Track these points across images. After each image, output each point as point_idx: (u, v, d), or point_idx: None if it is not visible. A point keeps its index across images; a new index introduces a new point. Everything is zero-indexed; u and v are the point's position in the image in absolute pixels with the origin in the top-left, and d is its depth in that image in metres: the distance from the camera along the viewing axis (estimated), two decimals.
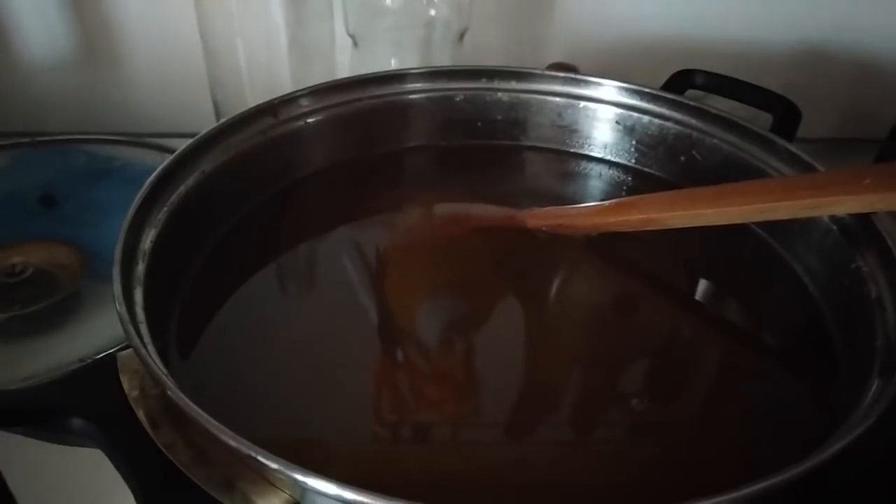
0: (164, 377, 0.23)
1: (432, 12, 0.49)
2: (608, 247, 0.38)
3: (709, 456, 0.28)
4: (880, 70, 0.60)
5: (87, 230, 0.47)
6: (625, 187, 0.42)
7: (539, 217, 0.39)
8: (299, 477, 0.21)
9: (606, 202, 0.38)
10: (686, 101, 0.40)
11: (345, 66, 0.51)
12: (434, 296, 0.35)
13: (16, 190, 0.51)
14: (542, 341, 0.33)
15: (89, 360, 0.26)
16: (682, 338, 0.35)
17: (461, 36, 0.51)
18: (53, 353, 0.39)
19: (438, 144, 0.44)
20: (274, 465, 0.21)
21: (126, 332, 0.25)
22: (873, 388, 0.25)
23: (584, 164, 0.44)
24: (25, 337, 0.41)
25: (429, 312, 0.34)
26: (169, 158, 0.33)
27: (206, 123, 0.36)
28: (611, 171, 0.43)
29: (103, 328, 0.40)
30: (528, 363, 0.32)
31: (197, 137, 0.35)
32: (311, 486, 0.21)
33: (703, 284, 0.37)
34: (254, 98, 0.39)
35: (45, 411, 0.24)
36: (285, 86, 0.41)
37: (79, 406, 0.24)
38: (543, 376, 0.31)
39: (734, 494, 0.21)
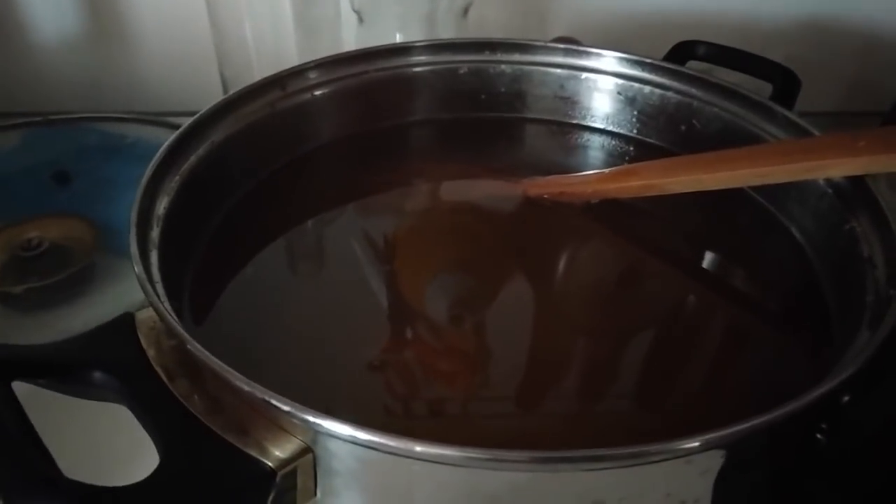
0: (179, 329, 0.24)
1: None
2: (609, 216, 0.38)
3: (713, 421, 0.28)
4: (884, 43, 0.60)
5: (100, 205, 0.48)
6: (626, 157, 0.43)
7: (540, 185, 0.39)
8: (311, 418, 0.21)
9: (607, 170, 0.39)
10: (687, 71, 0.41)
11: (350, 42, 0.52)
12: (441, 269, 0.36)
13: (30, 167, 0.52)
14: (548, 311, 0.34)
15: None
16: (685, 302, 0.35)
17: (465, 11, 0.51)
18: (69, 323, 0.40)
19: (443, 117, 0.44)
20: (286, 408, 0.21)
21: (144, 289, 0.26)
22: (862, 341, 0.26)
23: (586, 135, 0.44)
24: (42, 308, 0.42)
25: (436, 286, 0.35)
26: (181, 128, 0.34)
27: (215, 101, 0.37)
28: (613, 142, 0.43)
29: (117, 298, 0.41)
30: (534, 334, 0.32)
31: (207, 108, 0.36)
32: (323, 428, 0.21)
33: (704, 250, 0.38)
34: (261, 74, 0.40)
35: (67, 365, 0.25)
36: (292, 62, 0.42)
37: (99, 360, 0.25)
38: (548, 345, 0.32)
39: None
